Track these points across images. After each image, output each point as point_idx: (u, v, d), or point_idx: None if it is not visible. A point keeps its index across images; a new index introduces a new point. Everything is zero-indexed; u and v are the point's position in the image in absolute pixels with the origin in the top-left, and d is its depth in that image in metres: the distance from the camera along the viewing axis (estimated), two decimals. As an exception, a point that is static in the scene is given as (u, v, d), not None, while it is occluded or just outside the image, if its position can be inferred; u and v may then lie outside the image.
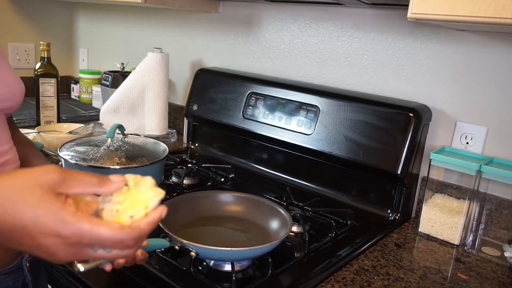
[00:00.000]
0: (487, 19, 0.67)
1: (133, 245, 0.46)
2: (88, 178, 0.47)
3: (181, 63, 1.68)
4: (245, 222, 0.91)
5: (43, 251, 0.44)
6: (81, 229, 0.43)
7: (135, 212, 0.47)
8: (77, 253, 0.44)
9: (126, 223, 0.47)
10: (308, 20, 1.30)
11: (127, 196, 0.49)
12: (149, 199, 0.48)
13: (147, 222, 0.47)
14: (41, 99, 1.51)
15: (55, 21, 2.14)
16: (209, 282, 0.74)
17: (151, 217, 0.47)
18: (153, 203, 0.48)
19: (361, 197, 1.11)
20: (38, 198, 0.43)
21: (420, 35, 1.10)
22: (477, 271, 0.88)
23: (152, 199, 0.48)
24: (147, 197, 0.48)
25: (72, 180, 0.46)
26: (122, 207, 0.48)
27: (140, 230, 0.46)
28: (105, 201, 0.49)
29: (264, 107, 1.25)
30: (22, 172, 0.46)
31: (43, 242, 0.43)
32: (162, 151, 1.09)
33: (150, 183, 0.50)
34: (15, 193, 0.43)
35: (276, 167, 1.28)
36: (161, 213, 0.48)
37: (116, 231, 0.44)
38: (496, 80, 1.00)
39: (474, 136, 1.04)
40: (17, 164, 0.67)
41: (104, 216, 0.48)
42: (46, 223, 0.42)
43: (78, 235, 0.43)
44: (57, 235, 0.43)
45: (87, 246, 0.45)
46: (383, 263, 0.87)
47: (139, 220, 0.47)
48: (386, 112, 1.04)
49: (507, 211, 0.98)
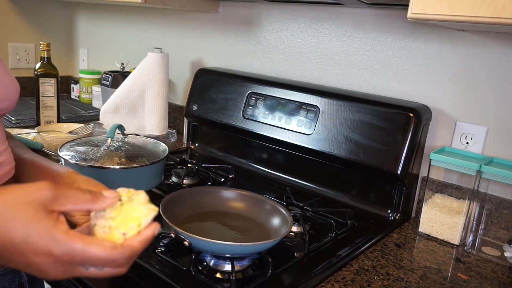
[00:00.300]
0: (487, 19, 0.67)
1: (125, 263, 0.46)
2: (81, 195, 0.46)
3: (181, 63, 1.68)
4: (246, 219, 0.92)
5: (34, 269, 0.43)
6: (73, 248, 0.43)
7: (128, 229, 0.47)
8: (68, 271, 0.44)
9: (119, 241, 0.46)
10: (308, 20, 1.30)
11: (120, 212, 0.48)
12: (142, 217, 0.47)
13: (139, 241, 0.46)
14: (41, 99, 1.51)
15: (55, 21, 2.14)
16: (209, 282, 0.74)
17: (143, 235, 0.47)
18: (146, 220, 0.47)
19: (361, 197, 1.11)
20: (30, 216, 0.42)
21: (420, 35, 1.10)
22: (477, 271, 0.88)
23: (145, 216, 0.47)
24: (140, 214, 0.47)
25: (65, 198, 0.45)
26: (115, 223, 0.47)
27: (132, 249, 0.46)
28: (97, 216, 0.48)
29: (264, 107, 1.25)
30: (14, 189, 0.45)
31: (34, 260, 0.42)
32: (162, 151, 1.09)
33: (144, 199, 0.49)
34: (7, 210, 0.42)
35: (276, 167, 1.28)
36: (153, 231, 0.47)
37: (108, 250, 0.44)
38: (496, 80, 1.00)
39: (474, 136, 1.04)
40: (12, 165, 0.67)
41: (96, 232, 0.48)
42: (38, 242, 0.42)
43: (69, 254, 0.43)
44: (48, 254, 0.42)
45: (79, 265, 0.44)
46: (383, 263, 0.87)
47: (132, 238, 0.46)
48: (386, 112, 1.04)
49: (507, 211, 0.98)
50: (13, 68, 2.00)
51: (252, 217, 0.92)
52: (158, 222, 0.49)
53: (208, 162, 1.37)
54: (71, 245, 0.42)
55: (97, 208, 0.48)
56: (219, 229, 0.88)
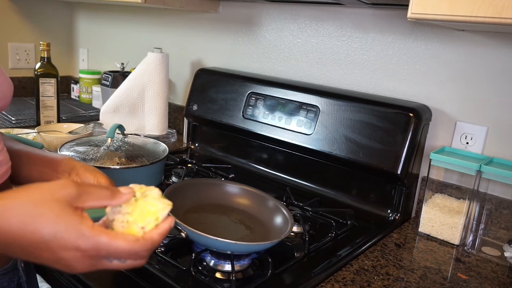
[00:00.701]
0: (487, 19, 0.67)
1: (146, 255, 0.48)
2: (101, 192, 0.49)
3: (181, 63, 1.68)
4: (248, 216, 0.92)
5: (62, 264, 0.45)
6: (99, 242, 0.45)
7: (145, 223, 0.49)
8: (94, 264, 0.46)
9: (138, 234, 0.48)
10: (308, 20, 1.30)
11: (136, 207, 0.50)
12: (158, 211, 0.50)
13: (158, 234, 0.49)
14: (41, 99, 1.51)
15: (55, 21, 2.14)
16: (209, 282, 0.74)
17: (162, 228, 0.49)
18: (163, 214, 0.50)
19: (361, 197, 1.11)
20: (57, 213, 0.44)
21: (420, 35, 1.10)
22: (477, 271, 0.88)
23: (162, 210, 0.50)
24: (157, 208, 0.50)
25: (87, 195, 0.47)
26: (132, 218, 0.49)
27: (152, 242, 0.48)
28: (114, 212, 0.50)
29: (264, 107, 1.25)
30: (38, 187, 0.46)
31: (62, 255, 0.44)
32: (162, 151, 1.09)
33: (157, 194, 0.52)
34: (34, 208, 0.44)
35: (276, 167, 1.28)
36: (170, 224, 0.50)
37: (132, 243, 0.46)
38: (496, 80, 1.00)
39: (474, 136, 1.04)
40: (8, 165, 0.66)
41: (115, 227, 0.50)
42: (67, 237, 0.44)
43: (96, 248, 0.45)
44: (76, 248, 0.44)
45: (104, 258, 0.46)
46: (383, 263, 0.87)
47: (151, 231, 0.49)
48: (386, 112, 1.04)
49: (507, 211, 0.99)
50: (13, 68, 2.01)
51: (254, 214, 0.92)
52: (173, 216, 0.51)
53: (208, 162, 1.37)
54: (98, 239, 0.44)
55: (115, 204, 0.49)
56: (220, 223, 0.88)
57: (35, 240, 0.43)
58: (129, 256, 0.47)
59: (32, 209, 0.44)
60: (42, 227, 0.43)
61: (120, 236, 0.46)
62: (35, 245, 0.44)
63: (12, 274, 0.69)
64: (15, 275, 0.70)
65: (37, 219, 0.43)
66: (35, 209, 0.44)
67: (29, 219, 0.43)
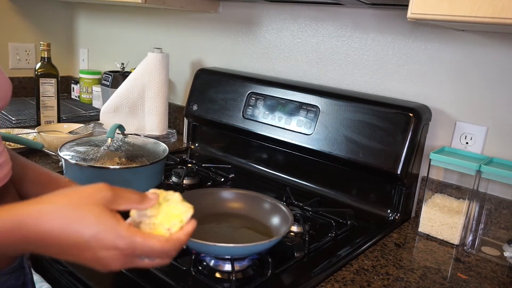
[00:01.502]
0: (487, 19, 0.67)
1: (174, 255, 0.52)
2: (132, 196, 0.52)
3: (181, 63, 1.68)
4: (246, 219, 0.92)
5: (100, 262, 0.48)
6: (135, 242, 0.48)
7: (171, 225, 0.53)
8: (128, 262, 0.50)
9: (166, 235, 0.52)
10: (308, 20, 1.30)
11: (160, 211, 0.54)
12: (182, 214, 0.54)
13: (185, 234, 0.53)
14: (41, 99, 1.51)
15: (55, 21, 2.14)
16: (209, 282, 0.74)
17: (187, 229, 0.53)
18: (187, 216, 0.54)
19: (361, 197, 1.12)
20: (96, 215, 0.47)
21: (420, 35, 1.10)
22: (476, 271, 0.88)
23: (185, 213, 0.54)
24: (180, 211, 0.54)
25: (121, 198, 0.51)
26: (158, 220, 0.53)
27: (180, 242, 0.52)
28: (140, 215, 0.54)
29: (264, 107, 1.25)
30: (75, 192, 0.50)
31: (101, 254, 0.48)
32: (162, 151, 1.09)
33: (179, 198, 0.55)
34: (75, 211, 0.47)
35: (276, 167, 1.28)
36: (193, 226, 0.54)
37: (163, 243, 0.50)
38: (496, 80, 1.00)
39: (474, 136, 1.04)
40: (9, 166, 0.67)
41: (143, 229, 0.53)
42: (106, 238, 0.47)
43: (132, 247, 0.48)
44: (115, 247, 0.48)
45: (137, 256, 0.50)
46: (383, 263, 0.87)
47: (178, 232, 0.52)
48: (386, 112, 1.04)
49: (506, 211, 0.99)
50: (13, 68, 2.01)
51: (252, 216, 0.92)
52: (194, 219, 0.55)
53: (208, 162, 1.37)
54: (134, 239, 0.48)
55: (143, 207, 0.53)
56: (219, 231, 0.88)
57: (77, 240, 0.47)
58: (160, 255, 0.51)
59: (74, 212, 0.47)
60: (84, 228, 0.47)
61: (153, 236, 0.50)
62: (77, 246, 0.47)
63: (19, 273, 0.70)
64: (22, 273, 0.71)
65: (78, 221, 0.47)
66: (76, 212, 0.47)
67: (71, 221, 0.47)
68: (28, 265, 0.73)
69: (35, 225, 0.46)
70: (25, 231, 0.47)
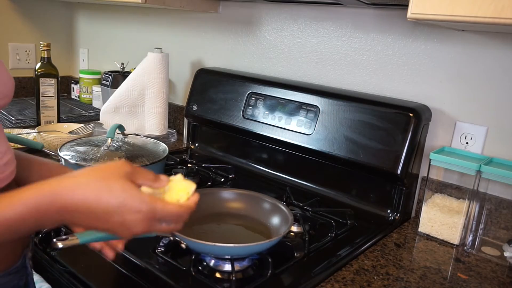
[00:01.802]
0: (487, 19, 0.67)
1: (185, 220, 0.60)
2: (147, 174, 0.60)
3: (181, 63, 1.68)
4: (246, 219, 0.92)
5: (125, 226, 0.55)
6: (156, 207, 0.56)
7: (179, 197, 0.60)
8: (149, 226, 0.57)
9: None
10: (308, 20, 1.30)
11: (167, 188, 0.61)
12: (187, 188, 0.61)
13: (193, 202, 0.60)
14: (41, 99, 1.51)
15: (55, 21, 2.14)
16: (209, 282, 0.74)
17: (193, 199, 0.61)
18: (192, 189, 0.61)
19: (361, 197, 1.12)
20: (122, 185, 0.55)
21: (420, 35, 1.10)
22: (476, 271, 0.88)
23: (190, 187, 0.61)
24: (185, 186, 0.61)
25: (138, 174, 0.58)
26: (167, 195, 0.61)
27: (190, 208, 0.60)
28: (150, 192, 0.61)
29: (264, 107, 1.25)
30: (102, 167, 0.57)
31: (127, 218, 0.55)
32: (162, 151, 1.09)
33: (181, 177, 0.63)
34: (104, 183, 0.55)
35: (276, 167, 1.28)
36: (198, 197, 0.61)
37: (178, 207, 0.59)
38: (496, 80, 1.00)
39: (474, 136, 1.04)
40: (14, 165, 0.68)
41: None
42: (132, 203, 0.55)
43: (153, 211, 0.56)
44: (139, 211, 0.55)
45: (157, 220, 0.57)
46: (383, 263, 0.87)
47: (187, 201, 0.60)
48: (386, 112, 1.04)
49: (506, 211, 0.99)
50: (13, 68, 2.01)
51: (252, 216, 0.92)
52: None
53: (208, 162, 1.37)
54: (155, 204, 0.56)
55: (157, 186, 0.60)
56: (219, 231, 0.89)
57: (108, 207, 0.54)
58: (176, 218, 0.59)
59: (103, 183, 0.55)
60: (113, 197, 0.54)
61: (170, 203, 0.59)
62: (107, 212, 0.54)
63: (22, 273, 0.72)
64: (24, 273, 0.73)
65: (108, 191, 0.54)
66: (105, 183, 0.55)
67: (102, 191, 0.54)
68: (30, 265, 0.74)
69: (71, 196, 0.53)
70: (63, 202, 0.53)
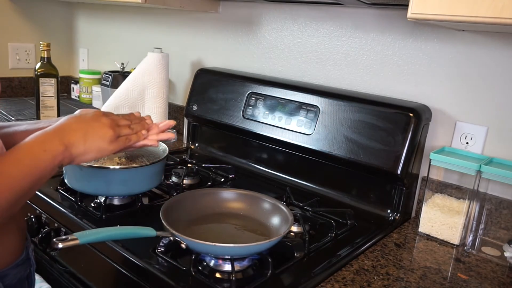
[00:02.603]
0: (487, 19, 0.67)
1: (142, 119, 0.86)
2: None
3: (181, 63, 1.68)
4: (246, 219, 0.92)
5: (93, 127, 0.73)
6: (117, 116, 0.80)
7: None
8: (114, 120, 0.76)
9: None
10: (308, 20, 1.30)
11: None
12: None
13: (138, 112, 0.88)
14: (41, 99, 1.51)
15: (55, 21, 2.14)
16: (209, 282, 0.74)
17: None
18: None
19: (361, 197, 1.11)
20: (93, 110, 0.78)
21: (420, 35, 1.10)
22: (477, 271, 0.88)
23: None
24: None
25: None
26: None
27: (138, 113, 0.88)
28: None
29: (264, 107, 1.25)
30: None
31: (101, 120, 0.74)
32: (162, 151, 1.09)
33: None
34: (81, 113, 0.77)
35: (276, 167, 1.28)
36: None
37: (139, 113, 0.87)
38: (496, 80, 1.00)
39: (474, 136, 1.04)
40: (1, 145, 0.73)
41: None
42: (102, 112, 0.77)
43: (118, 116, 0.79)
44: (105, 115, 0.76)
45: (114, 121, 0.76)
46: (383, 263, 0.87)
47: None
48: (386, 112, 1.04)
49: (507, 211, 0.99)
50: (13, 68, 2.01)
51: (252, 216, 0.92)
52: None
53: (208, 162, 1.37)
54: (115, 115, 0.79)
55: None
56: (219, 231, 0.88)
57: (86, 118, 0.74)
58: (128, 117, 0.82)
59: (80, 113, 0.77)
60: (88, 113, 0.76)
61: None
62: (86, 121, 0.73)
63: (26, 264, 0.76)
64: (28, 265, 0.76)
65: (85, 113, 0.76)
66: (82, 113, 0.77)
67: (80, 114, 0.75)
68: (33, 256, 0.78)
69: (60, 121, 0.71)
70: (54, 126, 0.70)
